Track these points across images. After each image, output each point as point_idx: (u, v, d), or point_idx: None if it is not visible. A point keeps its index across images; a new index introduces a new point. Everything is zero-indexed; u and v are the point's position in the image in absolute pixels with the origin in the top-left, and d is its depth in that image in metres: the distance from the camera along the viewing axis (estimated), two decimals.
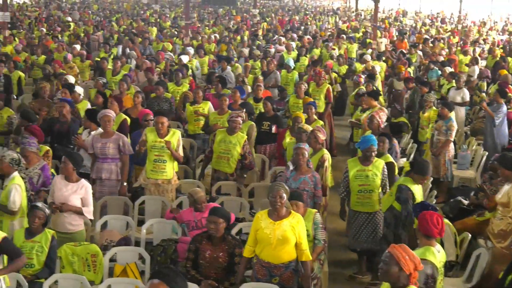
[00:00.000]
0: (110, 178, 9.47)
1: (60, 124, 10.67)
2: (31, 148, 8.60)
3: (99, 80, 14.08)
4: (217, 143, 10.03)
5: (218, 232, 7.07)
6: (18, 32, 26.85)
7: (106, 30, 30.60)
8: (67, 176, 7.94)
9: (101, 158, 9.46)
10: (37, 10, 44.79)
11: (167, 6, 56.58)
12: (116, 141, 9.55)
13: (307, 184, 8.53)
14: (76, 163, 7.96)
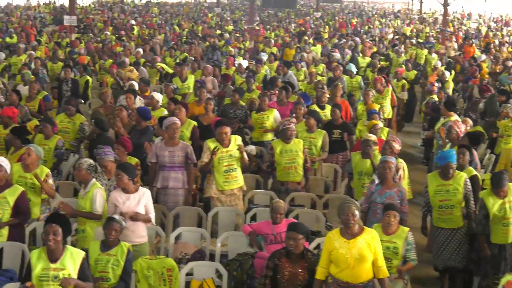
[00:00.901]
0: (176, 187, 9.28)
1: (135, 134, 10.56)
2: (108, 157, 8.46)
3: (170, 85, 13.94)
4: (278, 155, 9.78)
5: (298, 248, 6.79)
6: (87, 36, 27.05)
7: (168, 34, 30.65)
8: (124, 189, 7.77)
9: (168, 167, 9.26)
10: (100, 13, 45.25)
11: (228, 9, 56.51)
12: (184, 149, 9.37)
13: (393, 199, 8.20)
14: (130, 173, 7.80)
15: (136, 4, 59.12)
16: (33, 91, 13.43)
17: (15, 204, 7.72)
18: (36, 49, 20.82)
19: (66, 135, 11.34)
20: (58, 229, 6.32)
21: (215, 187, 9.28)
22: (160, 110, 12.35)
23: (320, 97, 12.96)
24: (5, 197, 7.70)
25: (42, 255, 6.34)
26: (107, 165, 8.42)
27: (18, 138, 9.73)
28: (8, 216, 7.69)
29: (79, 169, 7.84)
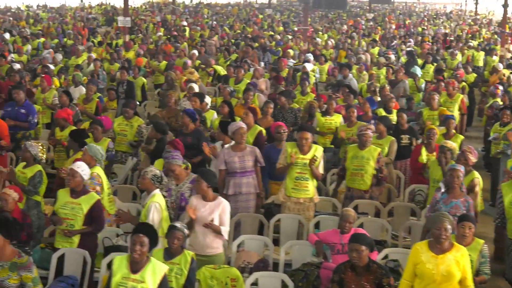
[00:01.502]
0: (249, 193, 9.07)
1: (183, 137, 10.36)
2: (176, 161, 8.23)
3: (226, 88, 13.72)
4: (349, 159, 9.48)
5: (362, 260, 6.47)
6: (136, 37, 27.10)
7: (220, 35, 30.54)
8: (203, 196, 7.56)
9: (240, 173, 9.03)
10: (151, 14, 45.45)
11: (278, 10, 56.27)
12: (252, 153, 9.16)
13: (459, 209, 7.84)
14: (210, 180, 7.55)
15: (186, 5, 59.21)
16: (90, 93, 13.37)
17: (89, 212, 7.54)
18: (91, 51, 20.84)
19: (124, 138, 11.23)
20: (145, 240, 6.16)
21: (284, 192, 9.04)
22: (210, 113, 12.17)
23: (387, 101, 12.59)
24: (80, 204, 7.53)
25: (124, 263, 6.19)
26: (175, 170, 8.19)
27: (76, 141, 9.61)
28: (80, 223, 7.51)
29: (143, 177, 7.64)
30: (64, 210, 7.58)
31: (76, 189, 7.62)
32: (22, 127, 11.59)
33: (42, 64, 17.56)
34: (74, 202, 7.57)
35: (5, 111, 11.67)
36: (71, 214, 7.53)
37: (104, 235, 8.07)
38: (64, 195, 7.68)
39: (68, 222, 7.52)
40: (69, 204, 7.57)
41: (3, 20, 36.17)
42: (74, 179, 7.59)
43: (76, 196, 7.60)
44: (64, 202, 7.62)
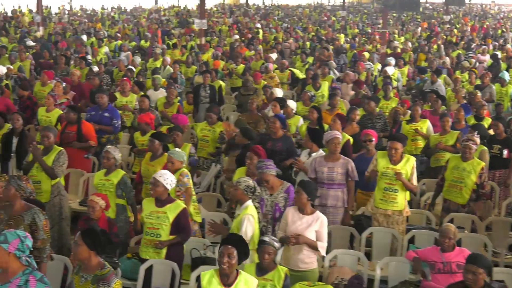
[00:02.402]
0: (336, 206, 8.68)
1: (273, 142, 10.06)
2: (270, 171, 7.91)
3: (307, 92, 13.37)
4: (449, 170, 9.03)
5: (477, 284, 6.03)
6: (211, 39, 26.98)
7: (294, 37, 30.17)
8: (300, 208, 7.22)
9: (327, 184, 8.67)
10: (223, 16, 45.43)
11: (351, 12, 55.56)
12: (344, 165, 8.75)
13: None
14: (310, 193, 7.21)
15: (258, 7, 59.08)
16: (171, 97, 13.20)
17: (175, 221, 7.30)
18: (165, 53, 20.79)
19: (206, 144, 10.99)
20: (233, 252, 5.90)
21: (373, 203, 8.66)
22: (296, 118, 11.82)
23: (479, 108, 12.02)
24: (165, 213, 7.30)
25: (214, 278, 5.93)
26: (269, 180, 7.88)
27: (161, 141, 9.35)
28: (167, 233, 7.27)
29: (235, 188, 7.35)
30: (150, 219, 7.36)
31: (160, 198, 7.40)
32: (106, 131, 11.49)
33: (118, 66, 17.58)
34: (160, 211, 7.34)
35: (89, 115, 11.56)
36: (157, 224, 7.31)
37: (191, 246, 7.81)
38: (149, 205, 7.46)
39: (155, 232, 7.30)
40: (154, 213, 7.35)
41: (80, 22, 36.66)
42: (156, 189, 7.37)
43: (161, 205, 7.37)
44: (149, 212, 7.40)
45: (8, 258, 5.30)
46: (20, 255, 5.34)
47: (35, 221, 6.65)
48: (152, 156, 9.24)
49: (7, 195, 6.80)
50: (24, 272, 5.34)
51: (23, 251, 5.36)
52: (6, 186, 6.84)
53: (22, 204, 6.80)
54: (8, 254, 5.30)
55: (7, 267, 5.33)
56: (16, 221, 6.62)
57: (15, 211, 6.73)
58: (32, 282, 5.33)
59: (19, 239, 5.35)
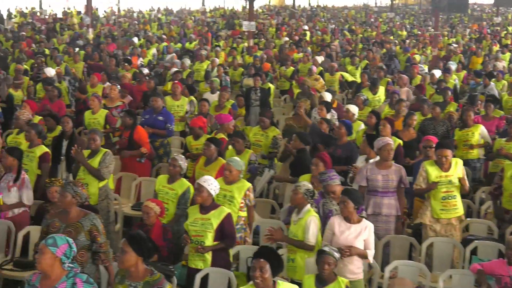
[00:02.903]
0: (389, 214, 8.41)
1: (334, 148, 9.84)
2: (335, 182, 7.70)
3: (360, 96, 13.11)
4: (507, 179, 8.68)
5: None
6: (259, 41, 26.81)
7: (342, 39, 29.86)
8: (347, 217, 6.99)
9: (382, 192, 8.40)
10: (269, 18, 45.23)
11: (398, 14, 54.87)
12: (398, 172, 8.48)
13: None
14: (357, 201, 6.99)
15: (303, 9, 58.77)
16: (223, 100, 13.07)
17: (219, 227, 7.14)
18: (209, 55, 20.72)
19: (258, 149, 10.80)
20: (265, 265, 5.69)
21: (430, 214, 8.36)
22: (357, 124, 11.57)
23: None
24: (209, 219, 7.14)
25: None
26: (336, 190, 7.64)
27: (217, 146, 9.20)
28: (211, 239, 7.12)
29: (295, 192, 7.18)
30: (194, 227, 7.21)
31: (204, 204, 7.23)
32: (160, 135, 11.37)
33: (167, 68, 17.54)
34: (204, 218, 7.18)
35: (143, 119, 11.48)
36: (201, 231, 7.15)
37: (248, 254, 7.62)
38: (194, 212, 7.32)
39: (199, 239, 7.15)
40: (198, 220, 7.20)
41: (129, 23, 36.86)
42: (200, 194, 7.21)
43: (206, 212, 7.21)
44: (193, 219, 7.25)
45: (53, 262, 5.19)
46: (64, 261, 5.22)
47: (95, 226, 6.55)
48: (207, 161, 9.09)
49: (63, 202, 6.68)
50: (67, 275, 5.23)
51: (68, 257, 5.24)
52: (62, 193, 6.73)
53: (77, 211, 6.69)
54: (55, 258, 5.19)
55: (50, 272, 5.21)
56: (76, 228, 6.52)
57: (71, 218, 6.62)
58: (79, 285, 5.22)
59: (67, 244, 5.25)
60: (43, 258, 5.16)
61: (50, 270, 5.19)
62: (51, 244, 5.18)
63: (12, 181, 8.29)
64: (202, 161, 9.20)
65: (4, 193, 8.22)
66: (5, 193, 8.24)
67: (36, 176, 9.24)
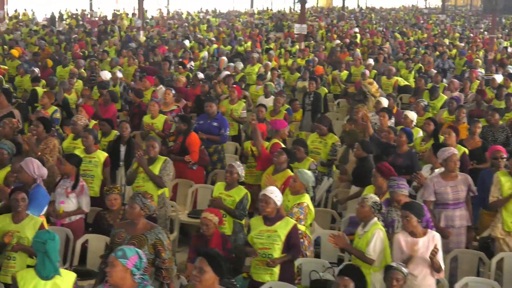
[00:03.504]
0: (462, 226, 8.15)
1: (394, 156, 9.52)
2: (402, 191, 7.41)
3: (420, 102, 12.74)
4: None
5: None
6: (309, 44, 26.49)
7: (393, 42, 29.34)
8: (412, 232, 6.71)
9: (453, 204, 8.11)
10: (318, 20, 44.84)
11: (449, 15, 53.95)
12: (465, 182, 8.22)
13: None
14: (420, 215, 6.71)
15: (351, 10, 58.17)
16: (278, 105, 12.83)
17: (287, 239, 6.92)
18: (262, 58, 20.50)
19: (317, 156, 10.51)
20: (350, 284, 5.52)
21: (501, 227, 8.04)
22: (415, 131, 11.23)
23: None
24: (276, 231, 6.92)
25: None
26: (401, 200, 7.35)
27: (290, 157, 8.94)
28: (279, 252, 6.90)
29: (362, 204, 6.92)
30: (259, 239, 6.99)
31: (269, 216, 7.01)
32: (214, 140, 11.19)
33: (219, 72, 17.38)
34: (270, 230, 6.96)
35: (197, 124, 11.31)
36: (268, 243, 6.93)
37: (310, 268, 7.40)
38: (258, 223, 7.10)
39: (266, 252, 6.92)
40: (264, 232, 6.98)
41: (178, 25, 36.89)
42: (268, 206, 6.98)
43: (271, 223, 6.99)
44: (258, 231, 7.03)
45: (125, 274, 5.05)
46: (135, 273, 5.08)
47: (160, 241, 6.41)
48: (275, 170, 8.87)
49: (131, 214, 6.57)
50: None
51: (139, 269, 5.10)
52: (130, 204, 6.60)
53: (144, 223, 6.56)
54: (126, 271, 5.05)
55: (122, 285, 5.08)
56: (140, 241, 6.38)
57: (137, 230, 6.49)
58: None
59: (137, 255, 5.11)
60: (114, 271, 5.04)
61: (121, 282, 5.06)
62: (121, 256, 5.06)
63: (70, 188, 8.20)
64: (271, 170, 8.97)
65: (63, 200, 8.13)
66: (64, 199, 8.16)
67: (101, 182, 9.19)
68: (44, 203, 7.61)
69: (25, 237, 6.83)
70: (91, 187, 8.94)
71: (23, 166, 7.67)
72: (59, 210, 8.09)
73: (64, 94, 13.36)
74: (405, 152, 9.68)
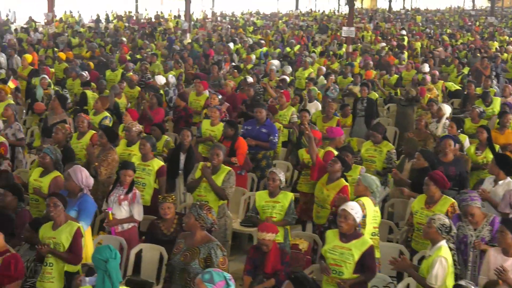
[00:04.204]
0: None
1: (445, 167, 9.19)
2: (475, 203, 7.13)
3: (476, 109, 12.37)
4: None
5: None
6: (356, 46, 26.17)
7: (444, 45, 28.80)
8: (504, 249, 6.41)
9: None
10: (363, 22, 44.43)
11: (497, 17, 52.97)
12: None
13: None
14: None
15: (398, 12, 57.49)
16: (331, 110, 12.54)
17: (361, 259, 6.66)
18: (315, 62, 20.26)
19: (372, 165, 10.23)
20: None
21: None
22: (462, 137, 10.89)
23: None
24: (350, 249, 6.67)
25: None
26: (475, 213, 7.08)
27: (344, 166, 8.70)
28: (350, 271, 6.65)
29: (429, 225, 6.60)
30: (332, 255, 6.75)
31: (346, 232, 6.76)
32: (263, 147, 10.97)
33: (269, 75, 17.14)
34: (344, 247, 6.71)
35: (245, 130, 11.11)
36: (340, 260, 6.69)
37: (371, 283, 7.14)
38: (333, 238, 6.85)
39: (337, 269, 6.69)
40: (338, 248, 6.73)
41: (221, 27, 36.81)
42: (346, 222, 6.73)
43: (346, 240, 6.73)
44: (332, 246, 6.79)
45: None
46: None
47: (210, 257, 6.21)
48: (329, 179, 8.62)
49: (186, 224, 6.43)
50: None
51: None
52: (187, 214, 6.48)
53: (203, 235, 6.38)
54: None
55: None
56: (192, 253, 6.23)
57: (194, 242, 6.33)
58: None
59: (225, 281, 4.92)
60: None
61: None
62: (208, 280, 4.89)
63: (123, 195, 8.09)
64: (325, 179, 8.71)
65: (114, 207, 8.02)
66: (116, 206, 8.04)
67: (153, 190, 9.04)
68: (93, 212, 7.53)
69: (61, 243, 6.75)
70: (142, 195, 8.79)
71: (70, 174, 7.59)
72: (108, 216, 7.96)
73: (115, 98, 13.29)
74: (453, 159, 9.37)
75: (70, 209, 7.25)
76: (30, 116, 14.54)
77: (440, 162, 9.26)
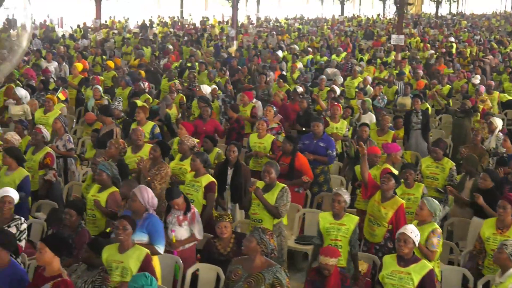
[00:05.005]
0: None
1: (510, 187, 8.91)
2: None
3: None
4: None
5: None
6: (405, 54, 25.72)
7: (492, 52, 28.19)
8: None
9: None
10: (408, 28, 43.79)
11: None
12: None
13: None
14: None
15: (444, 17, 56.59)
16: (386, 124, 12.02)
17: (420, 283, 6.47)
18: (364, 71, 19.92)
19: (434, 182, 9.95)
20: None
21: None
22: None
23: None
24: (410, 273, 6.49)
25: None
26: None
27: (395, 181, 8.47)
28: None
29: (500, 251, 6.38)
30: (391, 280, 6.56)
31: (405, 256, 6.55)
32: (321, 161, 10.73)
33: (319, 85, 16.87)
34: (403, 272, 6.52)
35: (302, 144, 10.89)
36: (400, 286, 6.51)
37: None
38: (391, 262, 6.66)
39: None
40: (396, 273, 6.55)
41: (266, 33, 36.52)
42: (407, 246, 6.53)
43: (405, 265, 6.54)
44: (390, 271, 6.60)
45: None
46: None
47: (278, 280, 6.06)
48: (383, 197, 8.37)
49: (247, 247, 6.26)
50: None
51: None
52: (248, 238, 6.30)
53: (262, 260, 6.25)
54: None
55: None
56: (257, 279, 6.08)
57: (254, 268, 6.17)
58: None
59: None
60: None
61: None
62: None
63: (182, 215, 7.94)
64: (378, 195, 8.47)
65: (175, 228, 7.87)
66: (177, 228, 7.88)
67: (202, 207, 8.87)
68: (163, 232, 7.38)
69: (129, 269, 6.54)
70: None
71: (137, 194, 7.31)
72: (171, 239, 7.81)
73: (166, 109, 13.20)
74: None
75: (137, 230, 7.03)
76: (81, 126, 14.52)
77: (510, 182, 8.99)
